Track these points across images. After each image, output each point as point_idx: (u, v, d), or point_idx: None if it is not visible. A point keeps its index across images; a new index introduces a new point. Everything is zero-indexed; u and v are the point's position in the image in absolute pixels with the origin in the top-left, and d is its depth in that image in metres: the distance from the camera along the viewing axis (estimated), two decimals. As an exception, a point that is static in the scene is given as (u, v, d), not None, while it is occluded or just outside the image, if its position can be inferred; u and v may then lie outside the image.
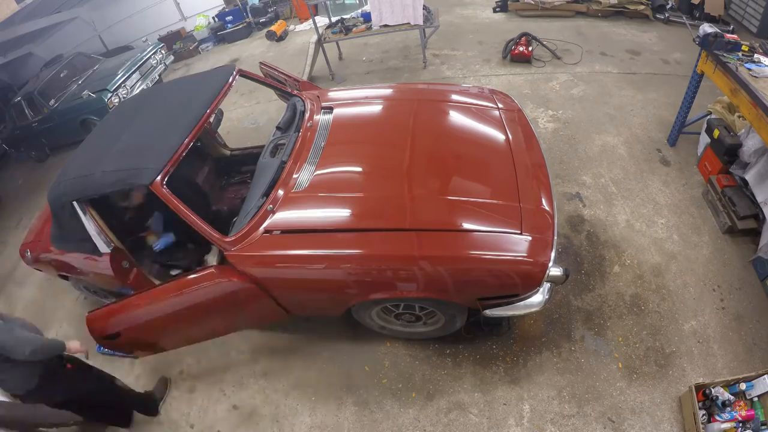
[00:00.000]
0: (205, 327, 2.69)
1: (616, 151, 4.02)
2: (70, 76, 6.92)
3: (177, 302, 2.41)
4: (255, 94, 6.32)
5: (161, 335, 2.71)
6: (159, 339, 2.74)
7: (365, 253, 2.21)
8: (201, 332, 2.76)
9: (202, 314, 2.51)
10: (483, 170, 2.54)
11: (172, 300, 2.41)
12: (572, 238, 3.35)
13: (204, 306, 2.43)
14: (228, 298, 2.40)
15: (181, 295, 2.39)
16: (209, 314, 2.54)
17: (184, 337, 2.79)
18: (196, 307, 2.43)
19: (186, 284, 2.38)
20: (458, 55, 6.07)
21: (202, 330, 2.73)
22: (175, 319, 2.50)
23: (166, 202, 2.31)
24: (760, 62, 2.93)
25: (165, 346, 2.82)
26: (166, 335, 2.72)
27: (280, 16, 9.39)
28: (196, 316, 2.51)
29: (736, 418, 2.24)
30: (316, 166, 2.56)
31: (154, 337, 2.71)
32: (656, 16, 6.11)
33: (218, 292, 2.37)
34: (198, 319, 2.55)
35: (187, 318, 2.51)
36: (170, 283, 2.42)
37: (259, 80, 3.35)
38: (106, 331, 2.53)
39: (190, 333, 2.73)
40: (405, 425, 2.61)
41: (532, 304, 2.31)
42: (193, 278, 2.37)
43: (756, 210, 3.01)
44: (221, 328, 2.77)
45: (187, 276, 2.39)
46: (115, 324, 2.52)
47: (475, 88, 3.28)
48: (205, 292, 2.36)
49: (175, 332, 2.69)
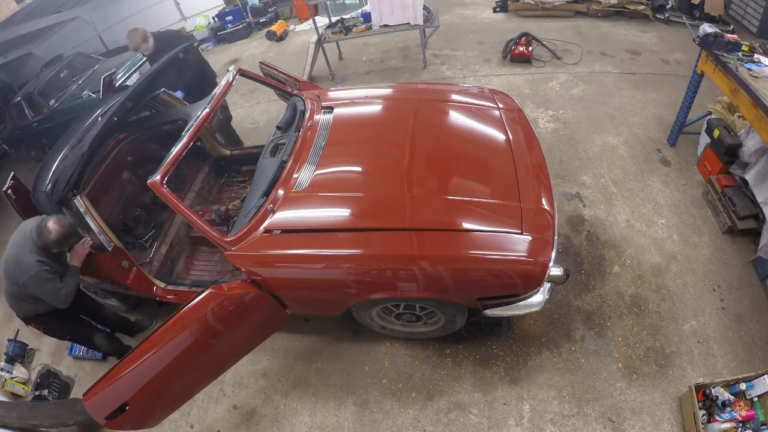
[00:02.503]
0: (215, 356, 2.39)
1: (616, 151, 4.02)
2: (70, 76, 6.90)
3: (181, 340, 2.14)
4: (255, 94, 6.31)
5: (173, 386, 2.29)
6: (172, 393, 2.31)
7: (365, 253, 2.22)
8: (213, 365, 2.44)
9: (212, 342, 2.27)
10: (483, 170, 2.54)
11: (175, 340, 2.13)
12: (572, 238, 3.35)
13: (212, 332, 2.23)
14: (233, 313, 2.26)
15: (185, 330, 2.14)
16: (219, 339, 2.29)
17: (198, 378, 2.41)
18: (204, 336, 2.21)
19: (187, 315, 2.15)
20: (458, 55, 6.06)
21: (213, 362, 2.42)
22: (184, 360, 2.18)
23: (165, 201, 2.34)
24: (760, 62, 2.93)
25: (179, 399, 2.40)
26: (179, 384, 2.31)
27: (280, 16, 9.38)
28: (205, 347, 2.25)
29: (736, 418, 2.24)
30: (316, 166, 2.55)
31: (166, 393, 2.27)
32: (656, 16, 6.11)
33: (222, 311, 2.21)
34: (208, 349, 2.28)
35: (197, 352, 2.22)
36: (168, 322, 2.13)
37: (260, 80, 3.35)
38: (109, 407, 2.06)
39: (203, 370, 2.40)
40: (405, 425, 2.61)
41: (532, 304, 2.31)
42: (194, 305, 2.16)
43: (756, 210, 3.01)
44: (232, 353, 2.48)
45: (186, 307, 2.15)
46: (117, 395, 2.07)
47: (475, 88, 3.28)
48: (210, 315, 2.18)
49: (187, 376, 2.30)
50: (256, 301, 2.34)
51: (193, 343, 2.17)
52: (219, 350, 2.35)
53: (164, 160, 2.38)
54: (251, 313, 2.39)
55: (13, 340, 3.60)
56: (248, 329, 2.47)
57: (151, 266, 3.29)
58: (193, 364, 2.26)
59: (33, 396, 3.15)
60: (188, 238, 3.55)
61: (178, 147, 2.45)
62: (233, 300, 2.24)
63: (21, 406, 2.99)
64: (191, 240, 3.55)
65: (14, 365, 3.46)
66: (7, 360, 3.48)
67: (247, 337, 2.51)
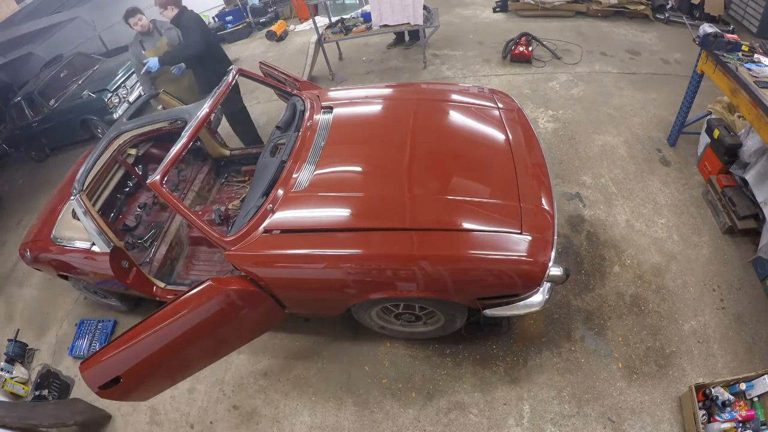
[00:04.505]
0: (210, 346, 2.47)
1: (616, 151, 4.02)
2: (70, 76, 6.91)
3: (177, 326, 2.21)
4: (255, 94, 6.31)
5: (165, 368, 2.39)
6: (163, 373, 2.42)
7: (365, 253, 2.21)
8: (207, 353, 2.53)
9: (207, 331, 2.33)
10: (483, 170, 2.53)
11: (171, 325, 2.19)
12: (572, 238, 3.35)
13: (208, 322, 2.27)
14: (230, 308, 2.30)
15: (182, 317, 2.20)
16: (215, 330, 2.35)
17: (190, 363, 2.51)
18: (200, 325, 2.26)
19: (185, 303, 2.21)
20: (458, 55, 6.07)
21: (208, 350, 2.51)
22: (178, 345, 2.27)
23: (165, 200, 2.34)
24: (760, 62, 2.93)
25: (170, 379, 2.50)
26: (171, 366, 2.41)
27: (280, 16, 9.39)
28: (200, 336, 2.32)
29: (736, 418, 2.24)
30: (315, 166, 2.55)
31: (157, 373, 2.39)
32: (656, 16, 6.11)
33: (220, 304, 2.25)
34: (203, 338, 2.35)
35: (192, 340, 2.30)
36: (166, 307, 2.21)
37: (259, 80, 3.36)
38: (103, 378, 2.19)
39: (196, 357, 2.48)
40: (405, 425, 2.61)
41: (532, 303, 2.31)
42: (193, 295, 2.21)
43: (756, 210, 3.01)
44: (227, 343, 2.56)
45: (185, 295, 2.22)
46: (111, 368, 2.20)
47: (475, 88, 3.28)
48: (207, 306, 2.23)
49: (179, 360, 2.40)
50: (254, 297, 2.35)
51: (187, 330, 2.24)
52: (212, 340, 2.42)
53: (164, 160, 2.38)
54: (248, 309, 2.41)
55: (13, 340, 3.61)
56: (244, 323, 2.49)
57: (151, 266, 3.29)
58: (185, 350, 2.34)
59: (33, 396, 3.15)
60: (188, 238, 3.55)
61: (178, 147, 2.45)
62: (231, 294, 2.26)
63: (21, 406, 3.00)
64: (191, 240, 3.55)
65: (14, 365, 3.46)
66: (7, 360, 3.49)
67: (243, 331, 2.56)
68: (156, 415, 2.98)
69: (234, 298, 2.28)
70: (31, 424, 2.79)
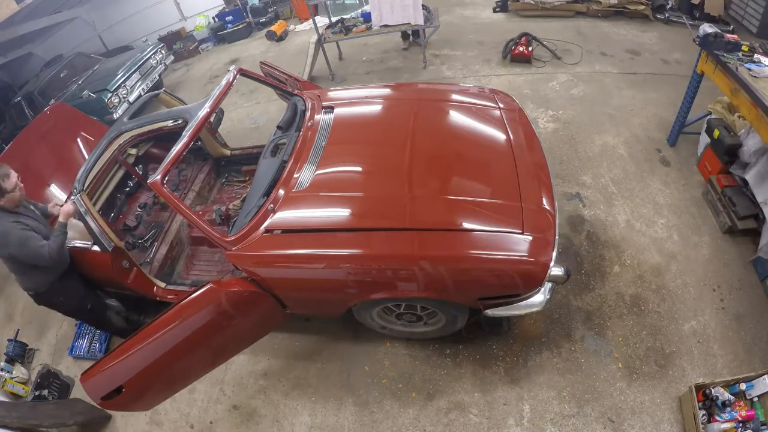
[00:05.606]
0: (213, 350, 2.44)
1: (616, 152, 4.02)
2: (70, 76, 6.91)
3: (180, 331, 2.19)
4: (255, 94, 6.32)
5: (169, 374, 2.34)
6: (167, 380, 2.37)
7: (366, 253, 2.21)
8: (210, 357, 2.49)
9: (210, 335, 2.31)
10: (484, 170, 2.54)
11: (174, 330, 2.17)
12: (572, 238, 3.35)
13: (210, 325, 2.26)
14: (232, 309, 2.28)
15: (184, 321, 2.19)
16: (217, 333, 2.34)
17: (194, 368, 2.48)
18: (202, 329, 2.24)
19: (187, 307, 2.19)
20: (458, 55, 6.07)
21: (211, 355, 2.47)
22: (181, 350, 2.24)
23: (165, 200, 2.35)
24: (760, 62, 2.93)
25: (174, 386, 2.45)
26: (174, 372, 2.37)
27: (280, 16, 9.38)
28: (203, 340, 2.30)
29: (736, 418, 2.24)
30: (317, 166, 2.55)
31: (161, 380, 2.34)
32: (656, 16, 6.12)
33: (222, 306, 2.23)
34: (205, 342, 2.32)
35: (195, 344, 2.28)
36: (168, 312, 2.18)
37: (260, 80, 3.36)
38: (105, 389, 2.14)
39: (199, 362, 2.45)
40: (405, 425, 2.61)
41: (533, 303, 2.32)
42: (194, 298, 2.19)
43: (756, 210, 3.01)
44: (230, 347, 2.53)
45: (186, 299, 2.20)
46: (114, 377, 2.15)
47: (475, 88, 3.28)
48: (209, 309, 2.22)
49: (183, 366, 2.37)
50: (255, 298, 2.35)
51: (189, 335, 2.21)
52: (215, 344, 2.40)
53: (164, 160, 2.38)
54: (250, 310, 2.40)
55: (13, 340, 3.60)
56: (246, 325, 2.48)
57: (151, 266, 3.29)
58: (188, 355, 2.31)
59: (33, 396, 3.15)
60: (189, 238, 3.55)
61: (179, 147, 2.45)
62: (232, 296, 2.25)
63: (21, 406, 2.99)
64: (192, 240, 3.55)
65: (14, 365, 3.46)
66: (7, 360, 3.48)
67: (245, 333, 2.54)
68: (156, 415, 2.98)
69: (235, 299, 2.27)
70: (31, 424, 2.79)
